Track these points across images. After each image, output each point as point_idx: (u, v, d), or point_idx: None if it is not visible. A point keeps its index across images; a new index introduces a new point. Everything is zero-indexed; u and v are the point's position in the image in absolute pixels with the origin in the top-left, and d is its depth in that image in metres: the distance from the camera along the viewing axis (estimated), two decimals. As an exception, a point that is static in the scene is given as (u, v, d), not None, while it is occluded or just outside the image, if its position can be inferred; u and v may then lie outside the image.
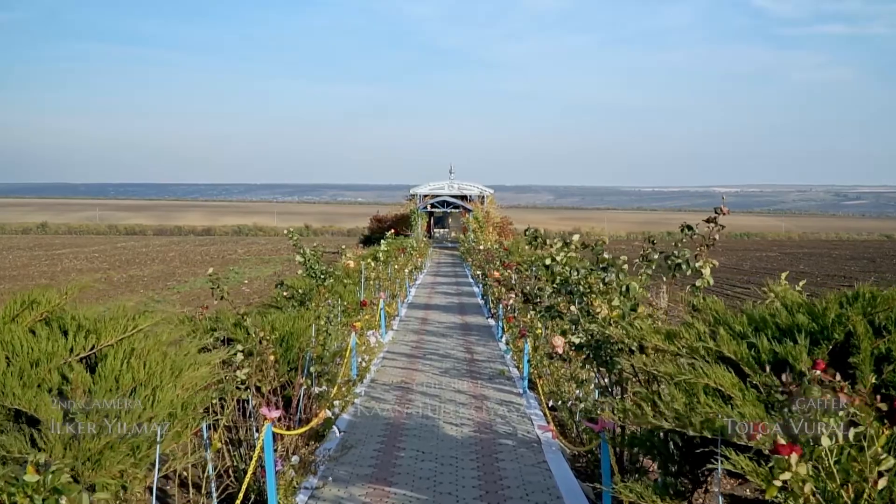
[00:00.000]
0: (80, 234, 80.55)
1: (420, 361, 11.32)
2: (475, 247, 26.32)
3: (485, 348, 12.58)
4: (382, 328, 13.17)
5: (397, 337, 13.82)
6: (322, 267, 8.87)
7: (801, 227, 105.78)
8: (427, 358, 11.66)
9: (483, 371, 10.62)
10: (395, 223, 51.08)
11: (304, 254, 8.88)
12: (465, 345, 12.93)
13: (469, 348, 12.60)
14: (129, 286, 29.61)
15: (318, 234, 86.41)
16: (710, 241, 4.70)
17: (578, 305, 5.05)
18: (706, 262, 4.71)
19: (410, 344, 13.04)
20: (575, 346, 4.88)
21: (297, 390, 6.61)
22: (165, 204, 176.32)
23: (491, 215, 50.15)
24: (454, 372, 10.44)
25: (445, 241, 54.63)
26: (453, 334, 14.20)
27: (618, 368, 4.53)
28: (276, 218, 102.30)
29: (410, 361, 11.33)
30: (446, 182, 52.99)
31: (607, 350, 4.58)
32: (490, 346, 12.91)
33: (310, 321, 7.20)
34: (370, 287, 13.50)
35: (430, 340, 13.38)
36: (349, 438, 7.09)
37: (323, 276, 8.80)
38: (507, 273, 13.17)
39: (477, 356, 11.86)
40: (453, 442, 7.06)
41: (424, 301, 20.80)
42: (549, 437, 6.85)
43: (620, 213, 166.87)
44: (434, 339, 13.63)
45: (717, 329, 3.99)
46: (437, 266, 36.31)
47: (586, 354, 4.84)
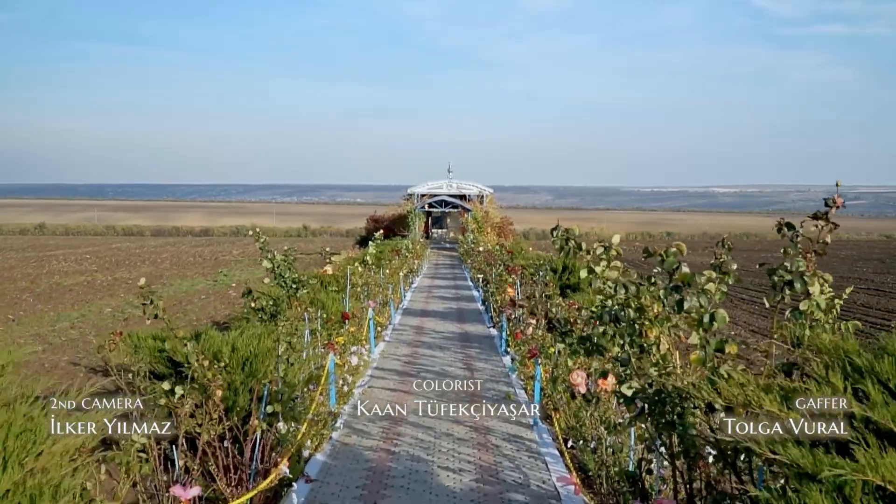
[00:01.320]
0: (78, 234, 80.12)
1: (413, 381, 9.87)
2: (474, 248, 24.81)
3: (487, 364, 11.12)
4: (371, 341, 11.73)
5: (388, 350, 12.38)
6: (294, 275, 7.42)
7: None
8: (421, 376, 10.21)
9: (485, 393, 9.17)
10: (392, 223, 49.57)
11: (272, 259, 7.43)
12: (465, 359, 11.48)
13: (469, 364, 11.16)
14: (111, 290, 28.17)
15: (317, 234, 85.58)
16: (821, 245, 3.26)
17: (629, 339, 3.60)
18: (815, 277, 3.27)
19: (403, 359, 11.59)
20: (624, 397, 3.43)
21: (251, 435, 5.16)
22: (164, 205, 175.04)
23: (490, 215, 48.70)
24: (452, 395, 8.99)
25: (444, 241, 53.14)
26: (451, 346, 12.74)
27: (690, 434, 3.08)
28: (274, 218, 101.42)
29: (402, 381, 9.87)
30: (445, 181, 51.50)
31: (674, 407, 3.14)
32: (492, 360, 11.46)
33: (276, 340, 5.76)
34: (357, 294, 12.05)
35: (426, 354, 11.93)
36: (318, 495, 5.63)
37: (294, 286, 7.35)
38: (511, 279, 11.70)
39: (478, 374, 10.41)
40: (450, 498, 5.61)
41: (421, 307, 19.35)
42: (570, 491, 5.40)
43: (620, 213, 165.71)
44: (430, 352, 12.18)
45: (861, 383, 2.55)
46: (434, 268, 34.85)
47: (639, 408, 3.39)
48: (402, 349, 12.53)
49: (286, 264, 7.49)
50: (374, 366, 10.95)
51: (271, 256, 7.47)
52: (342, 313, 9.14)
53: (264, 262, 7.57)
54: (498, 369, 10.70)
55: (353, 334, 10.14)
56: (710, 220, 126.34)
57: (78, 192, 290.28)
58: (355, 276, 11.66)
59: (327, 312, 10.68)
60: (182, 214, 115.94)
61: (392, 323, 15.71)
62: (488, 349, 12.47)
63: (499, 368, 10.76)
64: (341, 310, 10.71)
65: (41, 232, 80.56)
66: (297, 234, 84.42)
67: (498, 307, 11.55)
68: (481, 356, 11.78)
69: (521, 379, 9.35)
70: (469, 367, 10.84)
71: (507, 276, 11.72)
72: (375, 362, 11.23)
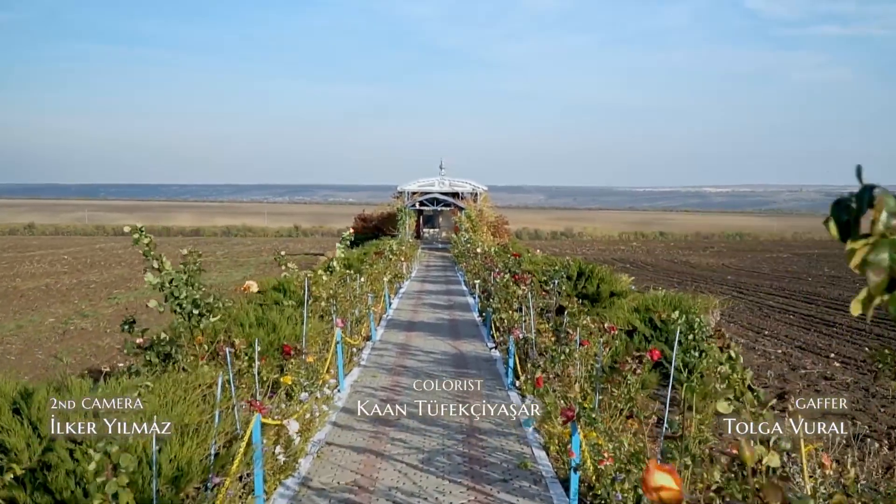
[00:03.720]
0: (67, 234, 78.38)
1: (388, 437, 7.20)
2: (471, 249, 22.04)
3: (490, 404, 8.43)
4: (340, 372, 9.04)
5: (363, 380, 9.71)
6: (195, 293, 4.75)
7: (793, 227, 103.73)
8: (402, 425, 7.55)
9: (491, 458, 6.50)
10: (381, 223, 46.77)
11: (161, 267, 4.75)
12: (462, 397, 8.79)
13: (467, 403, 8.48)
14: (67, 296, 25.40)
15: (308, 234, 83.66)
16: None
17: None
18: None
19: (379, 394, 8.91)
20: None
21: None
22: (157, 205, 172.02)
23: (485, 214, 46.07)
24: (443, 463, 6.32)
25: (436, 241, 50.38)
26: (444, 374, 10.05)
27: None
28: (266, 218, 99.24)
29: (374, 437, 7.18)
30: (437, 178, 48.69)
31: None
32: (498, 396, 8.80)
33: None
34: (322, 310, 9.35)
35: (410, 388, 9.23)
36: None
37: (198, 313, 4.68)
38: (521, 291, 8.99)
39: (479, 421, 7.73)
40: None
41: (408, 317, 16.66)
42: None
43: (612, 213, 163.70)
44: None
45: None
46: (425, 270, 32.15)
47: None
48: (380, 379, 9.84)
49: (186, 275, 4.86)
50: (342, 406, 8.27)
51: (159, 264, 4.83)
52: (283, 346, 6.43)
53: (147, 276, 4.93)
54: (505, 412, 8.03)
55: (310, 368, 7.46)
56: (702, 219, 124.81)
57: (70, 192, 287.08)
58: (318, 286, 8.97)
59: (280, 337, 8.01)
60: (174, 214, 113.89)
61: (373, 340, 13.04)
62: (490, 378, 9.78)
63: (507, 411, 8.08)
64: (298, 332, 8.03)
65: (30, 232, 79.34)
66: (289, 234, 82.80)
67: (505, 327, 8.80)
68: (483, 390, 9.09)
69: (542, 437, 6.67)
70: (466, 409, 8.14)
71: (515, 287, 9.04)
72: (342, 400, 8.55)
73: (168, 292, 4.83)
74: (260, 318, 8.18)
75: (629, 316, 8.46)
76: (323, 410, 6.67)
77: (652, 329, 8.40)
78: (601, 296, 11.71)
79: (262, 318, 8.13)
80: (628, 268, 37.29)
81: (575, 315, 8.12)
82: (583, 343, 6.65)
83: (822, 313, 19.31)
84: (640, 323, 8.37)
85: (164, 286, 4.82)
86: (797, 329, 16.48)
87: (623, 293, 11.93)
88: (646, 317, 8.48)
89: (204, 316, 4.91)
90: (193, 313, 4.86)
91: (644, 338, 8.34)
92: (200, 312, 4.92)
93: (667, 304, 8.64)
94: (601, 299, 11.68)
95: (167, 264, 4.95)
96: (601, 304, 11.63)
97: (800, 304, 21.97)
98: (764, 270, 38.48)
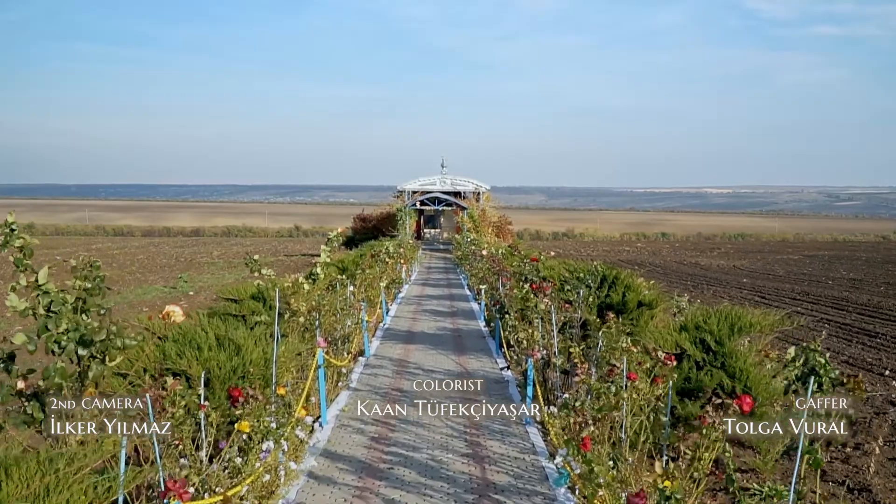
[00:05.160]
0: (67, 235, 76.84)
1: (378, 495, 5.61)
2: (476, 251, 20.40)
3: (506, 444, 6.83)
4: (322, 402, 7.45)
5: (351, 410, 8.10)
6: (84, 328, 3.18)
7: (794, 228, 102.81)
8: (395, 480, 5.95)
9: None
10: (380, 223, 45.20)
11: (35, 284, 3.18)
12: (471, 435, 7.18)
13: (477, 443, 6.89)
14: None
15: (309, 234, 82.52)
16: None
17: None
18: None
19: (370, 431, 7.31)
20: None
21: None
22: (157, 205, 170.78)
23: (487, 214, 44.48)
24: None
25: (437, 242, 48.76)
26: (447, 401, 8.43)
27: None
28: (266, 218, 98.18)
29: (359, 496, 5.58)
30: (438, 177, 47.05)
31: None
32: (514, 433, 7.19)
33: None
34: (301, 327, 7.74)
35: (406, 424, 7.63)
36: None
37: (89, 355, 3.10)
38: (544, 305, 7.38)
39: (494, 474, 6.12)
40: None
41: (407, 326, 15.08)
42: None
43: (613, 213, 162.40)
44: (413, 413, 7.93)
45: None
46: (426, 272, 30.57)
47: None
48: (372, 406, 8.24)
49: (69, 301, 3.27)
50: (322, 447, 6.69)
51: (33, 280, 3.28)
52: (229, 390, 4.77)
53: (10, 298, 3.33)
54: (527, 459, 6.43)
55: (281, 403, 5.89)
56: (703, 220, 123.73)
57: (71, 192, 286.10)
58: (297, 298, 7.37)
59: (245, 362, 6.44)
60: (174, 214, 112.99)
61: (366, 355, 11.46)
62: (504, 406, 8.15)
63: (528, 458, 6.47)
64: (268, 355, 6.45)
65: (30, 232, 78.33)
66: (289, 234, 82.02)
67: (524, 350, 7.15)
68: (495, 424, 7.49)
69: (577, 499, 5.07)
70: (478, 460, 6.51)
71: (536, 299, 7.43)
72: (323, 439, 6.96)
73: (42, 324, 3.29)
74: (222, 336, 6.60)
75: (676, 336, 6.87)
76: (291, 470, 5.08)
77: (704, 352, 6.81)
78: (627, 306, 10.10)
79: (223, 339, 6.55)
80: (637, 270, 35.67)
81: (611, 335, 6.52)
82: (630, 376, 5.07)
83: (858, 322, 17.69)
84: (689, 345, 6.77)
85: (37, 313, 3.28)
86: (837, 340, 14.84)
87: (652, 303, 10.30)
88: (696, 336, 6.89)
89: (96, 359, 3.35)
90: (81, 355, 3.33)
91: (696, 365, 6.74)
92: (92, 354, 3.38)
93: (722, 319, 7.04)
94: (627, 310, 10.07)
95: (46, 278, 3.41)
96: (627, 315, 10.02)
97: (830, 310, 20.34)
98: (778, 273, 36.84)
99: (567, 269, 10.75)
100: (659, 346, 6.59)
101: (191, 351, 6.30)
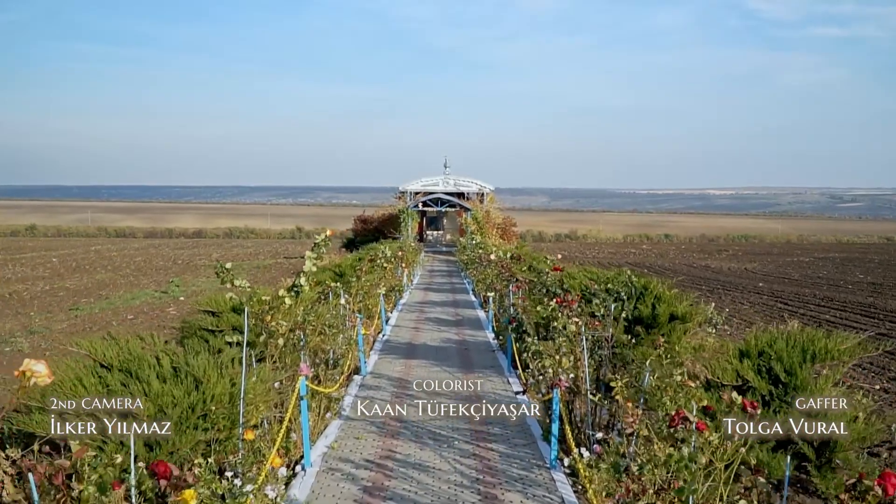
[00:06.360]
0: (69, 236, 76.37)
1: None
2: (483, 256, 19.07)
3: (532, 500, 5.55)
4: (305, 437, 6.20)
5: (340, 447, 6.84)
6: None
7: (797, 230, 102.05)
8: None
9: None
10: (382, 224, 43.96)
11: None
12: (484, 485, 5.90)
13: (491, 500, 5.61)
14: (29, 305, 22.60)
15: (311, 236, 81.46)
16: None
17: None
18: None
19: (362, 478, 6.03)
20: None
21: None
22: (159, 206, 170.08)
23: (491, 215, 43.21)
24: None
25: (440, 244, 47.49)
26: (455, 437, 7.15)
27: None
28: (268, 220, 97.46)
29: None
30: (441, 177, 45.76)
31: None
32: (539, 482, 5.90)
33: None
34: (282, 352, 6.48)
35: (406, 467, 6.35)
36: None
37: None
38: (574, 326, 6.10)
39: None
40: None
41: (408, 337, 13.84)
42: None
43: (616, 215, 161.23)
44: (415, 453, 6.66)
45: None
46: (429, 276, 29.32)
47: None
48: (365, 443, 6.97)
49: None
50: (303, 502, 5.44)
51: None
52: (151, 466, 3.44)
53: None
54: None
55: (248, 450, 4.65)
56: (706, 221, 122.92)
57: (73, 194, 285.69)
58: (277, 317, 6.09)
59: (205, 397, 5.19)
60: (177, 216, 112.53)
61: (362, 373, 10.21)
62: (523, 445, 6.84)
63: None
64: (236, 389, 5.21)
65: (32, 233, 78.21)
66: (291, 235, 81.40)
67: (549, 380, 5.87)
68: (513, 468, 6.21)
69: None
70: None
71: (564, 319, 6.14)
72: (305, 490, 5.69)
73: None
74: (179, 365, 5.35)
75: (736, 364, 5.61)
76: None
77: (771, 384, 5.55)
78: (658, 320, 8.83)
79: (182, 366, 5.30)
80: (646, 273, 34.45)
81: (660, 363, 5.25)
82: (699, 426, 3.81)
83: (894, 331, 16.44)
84: (753, 375, 5.51)
85: None
86: (879, 354, 13.59)
87: (685, 316, 9.00)
88: (759, 364, 5.63)
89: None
90: None
91: (762, 400, 5.47)
92: None
93: (792, 343, 5.77)
94: (658, 324, 8.80)
95: None
96: (658, 330, 8.75)
97: (861, 318, 19.08)
98: (794, 276, 35.53)
99: (590, 277, 9.47)
100: (717, 376, 5.33)
101: (136, 384, 5.06)
